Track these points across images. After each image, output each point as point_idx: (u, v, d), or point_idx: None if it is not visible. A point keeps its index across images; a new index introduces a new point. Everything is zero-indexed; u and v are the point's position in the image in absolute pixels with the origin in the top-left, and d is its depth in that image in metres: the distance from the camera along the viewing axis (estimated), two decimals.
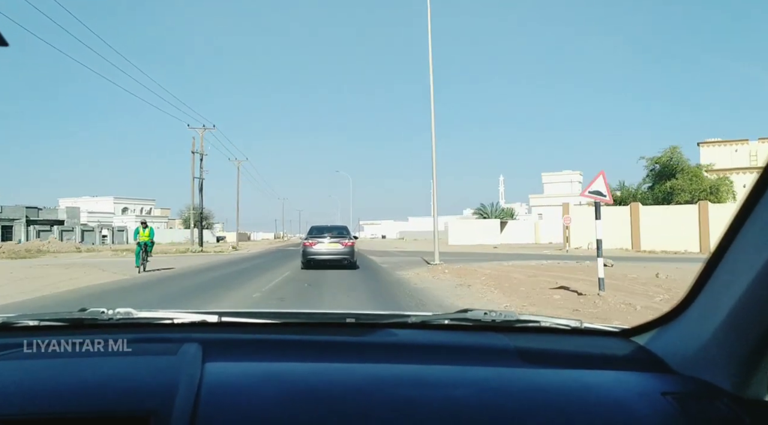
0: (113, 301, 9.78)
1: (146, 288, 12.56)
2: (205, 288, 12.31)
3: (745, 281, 0.92)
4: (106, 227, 65.82)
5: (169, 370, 1.05)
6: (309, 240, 17.03)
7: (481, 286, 12.09)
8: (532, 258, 23.35)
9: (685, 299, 1.14)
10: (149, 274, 16.27)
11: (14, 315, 1.36)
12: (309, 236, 17.28)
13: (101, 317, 1.35)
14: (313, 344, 1.30)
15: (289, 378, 1.08)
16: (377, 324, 1.45)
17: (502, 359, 1.19)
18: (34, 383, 1.01)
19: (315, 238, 16.98)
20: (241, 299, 10.13)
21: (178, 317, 1.38)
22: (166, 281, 14.32)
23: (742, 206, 0.94)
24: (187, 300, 10.16)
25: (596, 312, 8.08)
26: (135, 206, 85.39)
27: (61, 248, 42.54)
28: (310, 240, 16.96)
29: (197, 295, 10.94)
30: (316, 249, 16.69)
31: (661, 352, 1.17)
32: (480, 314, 1.40)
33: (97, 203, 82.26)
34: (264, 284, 12.86)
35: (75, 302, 9.15)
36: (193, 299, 10.24)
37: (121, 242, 61.88)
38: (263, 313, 1.50)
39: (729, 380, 0.97)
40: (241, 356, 1.20)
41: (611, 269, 14.93)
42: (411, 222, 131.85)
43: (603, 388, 1.05)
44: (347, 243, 17.01)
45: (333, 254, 16.71)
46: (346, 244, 16.95)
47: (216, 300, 10.02)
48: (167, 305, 9.14)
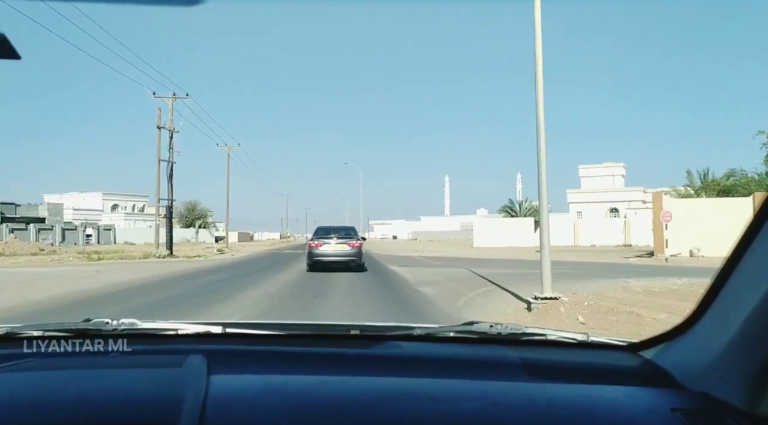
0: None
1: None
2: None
3: (756, 295, 0.90)
4: (91, 225, 59.19)
5: (175, 383, 1.05)
6: (315, 241, 16.68)
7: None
8: (625, 271, 15.98)
9: (694, 313, 1.13)
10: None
11: (18, 325, 1.37)
12: (315, 237, 17.00)
13: (105, 328, 1.35)
14: (318, 356, 1.30)
15: (294, 391, 1.08)
16: (382, 336, 1.46)
17: (508, 372, 1.20)
18: (38, 395, 1.01)
19: (321, 239, 16.61)
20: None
21: (182, 328, 1.39)
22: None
23: (754, 219, 0.94)
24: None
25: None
26: (126, 202, 78.11)
27: (18, 250, 35.83)
28: (317, 241, 16.62)
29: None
30: (322, 250, 16.38)
31: (670, 367, 1.15)
32: (486, 327, 1.40)
33: (84, 200, 75.46)
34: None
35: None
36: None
37: (108, 242, 55.57)
38: (268, 324, 1.52)
39: (740, 396, 0.95)
40: (246, 368, 1.21)
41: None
42: (424, 222, 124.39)
43: (611, 404, 1.04)
44: (355, 244, 16.64)
45: (340, 255, 16.36)
46: (353, 245, 16.59)
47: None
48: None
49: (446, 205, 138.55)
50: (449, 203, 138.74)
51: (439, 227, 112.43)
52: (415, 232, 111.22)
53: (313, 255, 16.44)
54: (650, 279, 12.93)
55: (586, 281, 13.05)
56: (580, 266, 18.89)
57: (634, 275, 14.33)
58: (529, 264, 16.77)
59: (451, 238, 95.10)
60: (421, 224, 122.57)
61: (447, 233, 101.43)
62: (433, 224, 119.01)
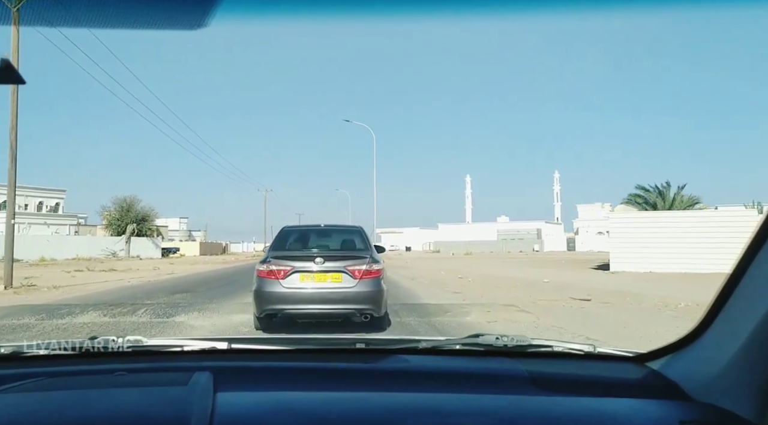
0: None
1: None
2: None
3: (763, 305, 0.90)
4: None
5: (181, 401, 1.04)
6: (273, 265, 6.75)
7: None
8: None
9: (700, 324, 1.12)
10: None
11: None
12: (274, 255, 7.03)
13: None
14: (325, 371, 1.29)
15: (301, 407, 1.06)
16: (388, 349, 1.44)
17: (515, 385, 1.18)
18: (44, 416, 1.00)
19: (287, 260, 6.81)
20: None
21: (188, 344, 1.38)
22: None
23: (759, 230, 0.93)
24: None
25: None
26: (29, 199, 53.80)
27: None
28: (277, 265, 6.74)
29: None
30: (288, 291, 6.59)
31: (677, 378, 1.14)
32: (492, 339, 1.38)
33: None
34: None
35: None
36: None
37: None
38: (273, 339, 1.56)
39: (748, 408, 0.93)
40: (253, 385, 1.20)
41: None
42: (442, 230, 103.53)
43: (619, 417, 1.02)
44: (364, 272, 6.64)
45: (330, 302, 6.60)
46: (361, 274, 6.62)
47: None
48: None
49: (467, 210, 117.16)
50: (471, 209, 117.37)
51: (461, 237, 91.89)
52: (437, 242, 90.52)
53: (267, 299, 6.57)
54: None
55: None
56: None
57: None
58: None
59: (483, 250, 74.72)
60: (438, 233, 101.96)
61: (474, 244, 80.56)
62: (454, 233, 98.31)
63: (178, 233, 77.19)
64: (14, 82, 0.97)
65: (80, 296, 12.42)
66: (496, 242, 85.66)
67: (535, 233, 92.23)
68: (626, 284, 14.48)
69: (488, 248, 79.70)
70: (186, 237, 75.09)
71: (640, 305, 9.92)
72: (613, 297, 11.10)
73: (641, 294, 11.58)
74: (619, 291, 12.40)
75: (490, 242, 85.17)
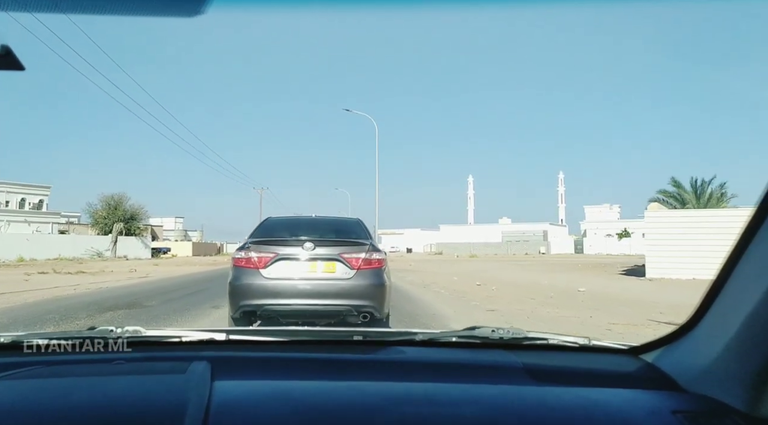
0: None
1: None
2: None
3: (754, 296, 0.91)
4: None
5: (178, 389, 1.05)
6: (253, 251, 5.39)
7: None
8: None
9: (693, 317, 1.13)
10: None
11: (23, 333, 1.36)
12: (254, 240, 5.59)
13: (110, 336, 1.35)
14: (322, 362, 1.29)
15: (297, 396, 1.07)
16: (385, 341, 1.46)
17: (510, 377, 1.19)
18: (42, 402, 1.01)
19: (271, 245, 5.44)
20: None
21: (186, 335, 1.39)
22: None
23: (750, 224, 0.94)
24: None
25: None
26: (11, 195, 50.64)
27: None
28: (258, 251, 5.37)
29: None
30: (270, 282, 5.23)
31: (670, 370, 1.16)
32: (487, 332, 1.41)
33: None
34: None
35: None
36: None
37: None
38: (271, 331, 1.51)
39: (740, 398, 0.95)
40: (250, 374, 1.21)
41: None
42: (444, 232, 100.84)
43: (612, 406, 1.04)
44: (363, 262, 5.34)
45: (321, 297, 5.21)
46: (359, 264, 5.31)
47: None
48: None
49: (470, 211, 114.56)
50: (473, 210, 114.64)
51: (464, 238, 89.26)
52: (439, 243, 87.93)
53: (244, 292, 5.25)
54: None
55: None
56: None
57: None
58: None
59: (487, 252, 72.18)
60: (440, 235, 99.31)
61: (478, 246, 77.96)
62: (456, 235, 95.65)
63: (174, 232, 74.37)
64: (14, 69, 0.96)
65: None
66: (500, 244, 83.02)
67: (541, 235, 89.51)
68: (687, 297, 11.88)
69: (492, 250, 77.13)
70: (182, 237, 72.13)
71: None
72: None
73: None
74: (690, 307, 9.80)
75: (494, 244, 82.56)
